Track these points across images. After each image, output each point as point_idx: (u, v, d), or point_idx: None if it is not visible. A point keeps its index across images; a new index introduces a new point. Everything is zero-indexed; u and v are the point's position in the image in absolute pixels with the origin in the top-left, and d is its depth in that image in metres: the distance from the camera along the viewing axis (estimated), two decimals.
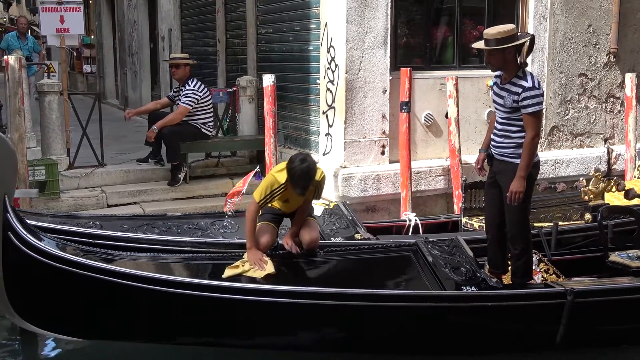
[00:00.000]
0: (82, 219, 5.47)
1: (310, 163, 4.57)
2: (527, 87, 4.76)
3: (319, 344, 4.72)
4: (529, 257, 5.10)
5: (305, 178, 4.54)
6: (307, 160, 4.56)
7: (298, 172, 4.51)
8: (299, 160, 4.56)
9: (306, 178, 4.54)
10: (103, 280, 4.20)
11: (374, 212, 7.58)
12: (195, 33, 11.71)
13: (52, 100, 7.76)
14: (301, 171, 4.51)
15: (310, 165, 4.55)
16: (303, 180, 4.54)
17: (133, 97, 14.71)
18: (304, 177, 4.53)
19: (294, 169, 4.53)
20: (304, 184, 4.57)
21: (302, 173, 4.52)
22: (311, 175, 4.57)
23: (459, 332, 4.73)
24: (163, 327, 4.50)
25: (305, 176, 4.53)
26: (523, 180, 4.81)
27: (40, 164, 7.35)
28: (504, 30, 4.84)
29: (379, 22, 7.39)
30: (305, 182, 4.56)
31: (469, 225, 6.39)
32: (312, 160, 4.63)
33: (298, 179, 4.53)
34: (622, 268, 5.42)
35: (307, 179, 4.55)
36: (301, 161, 4.55)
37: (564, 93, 8.52)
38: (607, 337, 4.99)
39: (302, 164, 4.53)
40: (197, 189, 8.11)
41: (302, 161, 4.55)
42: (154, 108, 8.63)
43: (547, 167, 8.25)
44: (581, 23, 8.50)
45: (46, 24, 8.33)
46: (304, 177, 4.53)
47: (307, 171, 4.52)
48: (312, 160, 4.63)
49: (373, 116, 7.51)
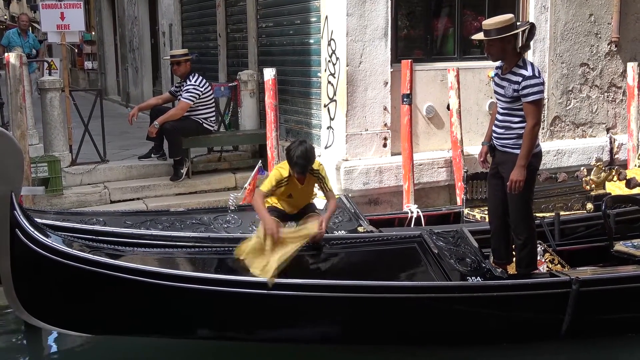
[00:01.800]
0: (85, 216, 5.48)
1: (308, 146, 4.83)
2: (528, 75, 4.76)
3: (325, 336, 4.74)
4: (533, 247, 5.10)
5: (304, 157, 4.75)
6: (305, 142, 4.86)
7: (297, 151, 4.75)
8: (298, 142, 4.87)
9: (304, 157, 4.76)
10: (110, 275, 4.21)
11: (377, 204, 7.59)
12: (195, 28, 11.69)
13: (53, 97, 7.77)
14: (300, 151, 4.75)
15: (307, 147, 4.80)
16: (301, 159, 4.75)
17: (134, 93, 14.71)
18: (302, 156, 4.74)
19: (292, 149, 4.79)
20: (302, 164, 4.76)
21: (300, 152, 4.75)
22: (309, 155, 4.79)
23: (464, 322, 4.75)
24: (169, 322, 4.51)
25: (304, 155, 4.75)
26: (523, 169, 4.81)
27: (42, 161, 7.37)
28: (502, 20, 4.85)
29: (380, 15, 7.38)
30: (303, 161, 4.76)
31: (471, 217, 6.39)
32: (310, 144, 4.90)
33: (297, 158, 4.74)
34: (627, 257, 5.42)
35: (305, 158, 4.76)
36: (300, 143, 4.85)
37: (566, 83, 8.51)
38: (613, 326, 4.99)
39: (301, 145, 4.80)
40: (200, 184, 8.12)
41: (300, 143, 4.84)
42: (155, 103, 8.62)
43: (549, 158, 8.24)
44: (582, 12, 8.47)
45: (46, 21, 8.33)
46: (302, 156, 4.75)
47: (304, 150, 4.76)
48: (310, 144, 4.90)
49: (374, 109, 7.50)
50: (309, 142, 5.05)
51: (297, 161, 4.77)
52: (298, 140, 5.00)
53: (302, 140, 4.97)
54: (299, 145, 4.80)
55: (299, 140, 4.99)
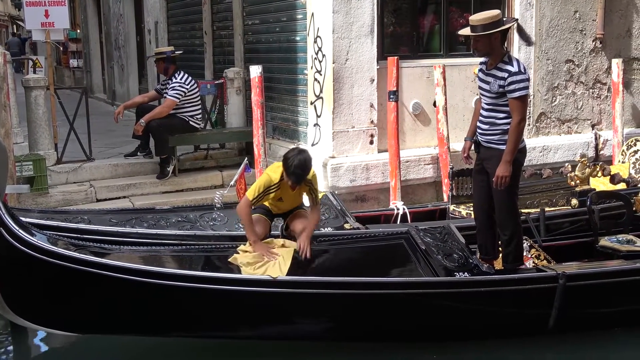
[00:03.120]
0: (69, 214, 5.45)
1: (308, 156, 4.66)
2: (513, 71, 4.78)
3: (313, 333, 4.74)
4: (518, 242, 5.13)
5: (302, 167, 4.60)
6: (305, 152, 4.68)
7: (295, 161, 4.59)
8: (297, 150, 4.69)
9: (302, 167, 4.61)
10: (96, 274, 4.20)
11: (364, 201, 7.59)
12: (181, 25, 11.65)
13: (38, 96, 7.72)
14: (298, 160, 4.59)
15: (307, 157, 4.64)
16: (299, 169, 4.59)
17: (120, 90, 14.64)
18: (300, 166, 4.59)
19: (291, 158, 4.61)
20: (299, 173, 4.61)
21: (299, 162, 4.59)
22: (307, 166, 4.64)
23: (452, 318, 4.77)
24: (156, 320, 4.50)
25: (302, 166, 4.60)
26: (509, 165, 4.83)
27: (27, 159, 7.32)
28: (489, 16, 4.86)
29: (366, 12, 7.38)
30: (301, 171, 4.61)
31: (457, 213, 6.41)
32: (309, 154, 4.70)
33: (295, 168, 4.58)
34: (612, 252, 5.45)
35: (302, 168, 4.61)
36: (300, 152, 4.67)
37: (551, 79, 8.54)
38: (599, 320, 5.02)
39: (300, 154, 4.63)
40: (186, 182, 8.10)
41: (300, 152, 4.67)
42: (141, 101, 8.59)
43: (535, 154, 8.28)
44: (567, 9, 8.51)
45: (31, 19, 8.27)
46: (300, 166, 4.59)
47: (304, 161, 4.61)
48: (309, 154, 4.70)
49: (361, 106, 7.51)
50: (297, 142, 4.95)
51: (295, 171, 4.60)
52: (298, 148, 4.80)
53: (301, 149, 4.76)
54: (297, 155, 4.63)
55: (298, 148, 4.79)
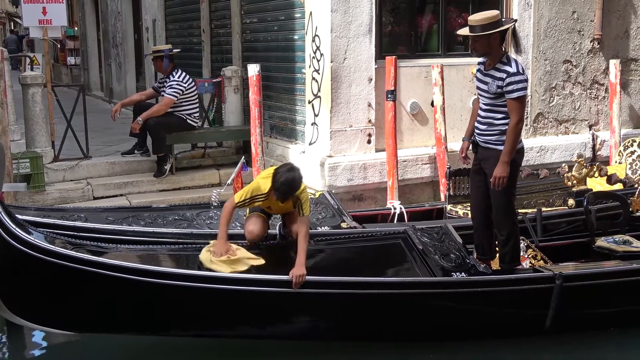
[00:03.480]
0: (66, 212, 5.43)
1: (297, 174, 4.54)
2: (512, 72, 4.78)
3: (311, 333, 4.74)
4: (515, 242, 5.13)
5: (289, 185, 4.48)
6: (295, 170, 4.56)
7: (283, 178, 4.48)
8: (288, 167, 4.58)
9: (289, 185, 4.49)
10: (93, 273, 4.19)
11: (361, 200, 7.59)
12: (179, 23, 11.64)
13: (35, 93, 7.71)
14: (286, 178, 4.48)
15: (296, 175, 4.52)
16: (285, 186, 4.48)
17: (118, 88, 14.62)
18: (286, 184, 4.48)
19: (279, 174, 4.51)
20: (285, 190, 4.50)
21: (286, 180, 4.47)
22: (295, 185, 4.51)
23: (449, 317, 4.78)
24: (153, 319, 4.49)
25: (289, 183, 4.48)
26: (507, 166, 4.83)
27: (24, 157, 7.30)
28: (488, 16, 4.85)
29: (364, 11, 7.38)
30: (287, 188, 4.49)
31: (454, 213, 6.42)
32: (298, 171, 4.59)
33: (281, 185, 4.47)
34: (608, 253, 5.46)
35: (289, 186, 4.49)
36: (290, 169, 4.55)
37: (549, 80, 8.55)
38: (596, 321, 5.04)
39: (290, 172, 4.52)
40: (184, 180, 8.09)
41: (290, 169, 4.55)
42: (138, 99, 8.58)
43: (532, 154, 8.28)
44: (565, 9, 8.51)
45: (28, 16, 8.24)
46: (287, 183, 4.48)
47: (292, 179, 4.49)
48: (298, 171, 4.59)
49: (359, 105, 7.50)
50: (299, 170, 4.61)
51: (281, 187, 4.48)
52: (290, 165, 4.69)
53: (293, 167, 4.63)
54: (287, 172, 4.51)
55: (290, 165, 4.69)
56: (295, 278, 4.36)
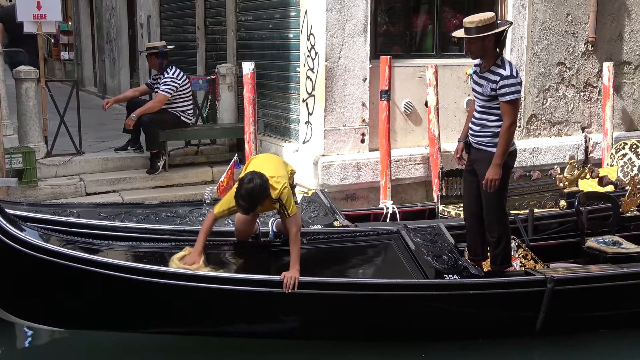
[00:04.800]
0: (58, 208, 5.41)
1: (255, 184, 4.36)
2: (505, 75, 4.79)
3: (302, 332, 4.75)
4: (507, 244, 5.14)
5: (249, 197, 4.37)
6: (252, 181, 4.37)
7: (242, 191, 4.37)
8: (246, 180, 4.39)
9: (250, 197, 4.37)
10: (84, 270, 4.19)
11: (354, 200, 7.60)
12: (174, 20, 11.61)
13: (29, 88, 7.67)
14: (244, 191, 4.36)
15: (254, 187, 4.35)
16: (245, 200, 4.38)
17: (111, 84, 14.58)
18: (246, 197, 4.37)
19: (238, 189, 4.41)
20: (246, 204, 4.40)
21: (245, 192, 4.36)
22: (255, 196, 4.37)
23: (441, 319, 4.80)
24: (143, 317, 4.49)
25: (249, 196, 4.36)
26: (499, 168, 4.84)
27: (17, 152, 7.28)
28: (484, 18, 4.86)
29: (359, 10, 7.38)
30: (249, 201, 4.38)
31: (446, 213, 6.44)
32: (258, 180, 4.39)
33: (241, 199, 4.39)
34: (598, 253, 5.49)
35: (250, 198, 4.37)
36: (248, 182, 4.37)
37: (543, 82, 8.58)
38: (586, 323, 5.07)
39: (248, 184, 4.36)
40: (177, 177, 8.08)
41: (248, 182, 4.37)
42: (132, 96, 8.56)
43: (525, 156, 8.31)
44: (560, 12, 8.54)
45: (23, 10, 8.18)
46: (246, 197, 4.36)
47: (250, 191, 4.35)
48: (258, 180, 4.39)
49: (353, 104, 7.51)
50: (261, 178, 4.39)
51: (241, 202, 4.38)
52: (250, 175, 4.41)
53: (254, 176, 4.39)
54: (246, 184, 4.35)
55: (250, 176, 4.40)
56: (287, 280, 4.34)
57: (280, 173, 4.62)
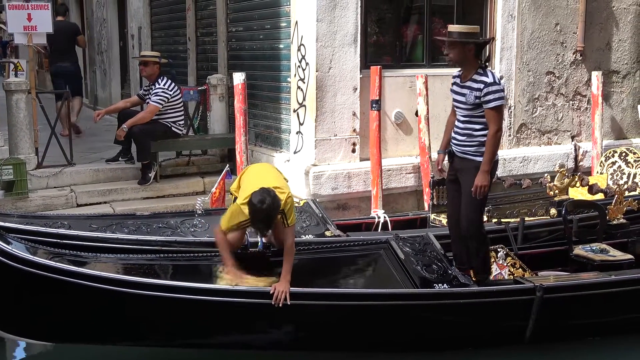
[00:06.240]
0: (49, 219, 5.41)
1: (269, 203, 4.36)
2: (489, 82, 4.86)
3: (291, 344, 4.74)
4: (486, 253, 5.15)
5: (266, 219, 4.41)
6: (265, 201, 4.36)
7: (258, 214, 4.38)
8: (258, 201, 4.37)
9: (267, 219, 4.42)
10: (71, 283, 4.17)
11: (345, 209, 7.61)
12: (165, 31, 11.63)
13: (19, 99, 7.66)
14: (261, 213, 4.37)
15: (269, 206, 4.36)
16: (263, 223, 4.43)
17: (102, 95, 14.57)
18: (264, 220, 4.41)
19: (254, 212, 4.40)
20: (265, 225, 4.45)
21: (263, 216, 4.39)
22: (271, 215, 4.41)
23: (431, 328, 4.80)
24: (131, 330, 4.48)
25: (266, 218, 4.40)
26: (487, 174, 4.88)
27: (7, 163, 7.26)
28: (467, 27, 4.99)
29: (349, 21, 7.42)
30: (267, 222, 4.43)
31: (437, 222, 6.45)
32: (270, 198, 4.38)
33: (259, 222, 4.42)
34: (585, 261, 5.52)
35: (268, 219, 4.42)
36: (260, 202, 4.36)
37: (532, 91, 8.63)
38: (575, 331, 5.09)
39: (262, 205, 4.35)
40: (168, 188, 8.07)
41: (261, 202, 4.36)
42: (123, 107, 8.56)
43: (515, 164, 8.35)
44: (548, 22, 8.61)
45: (13, 22, 8.20)
46: (264, 219, 4.41)
47: (267, 212, 4.37)
48: (270, 198, 4.38)
49: (344, 114, 7.54)
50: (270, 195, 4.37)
51: (258, 225, 4.43)
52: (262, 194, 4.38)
53: (264, 196, 4.36)
54: (260, 204, 4.33)
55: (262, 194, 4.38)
56: (277, 293, 4.34)
57: (282, 183, 4.68)
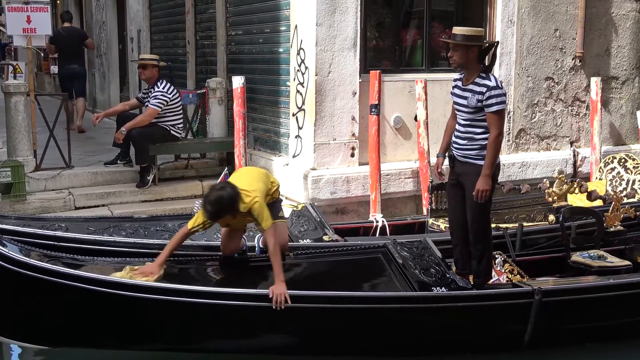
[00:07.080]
0: (47, 222, 5.40)
1: (225, 193, 4.42)
2: (492, 86, 4.86)
3: (289, 347, 4.72)
4: (489, 257, 5.17)
5: (215, 204, 4.41)
6: (224, 190, 4.45)
7: (211, 197, 4.43)
8: (219, 186, 4.51)
9: (215, 204, 4.41)
10: (67, 285, 4.15)
11: (344, 213, 7.61)
12: (164, 34, 11.64)
13: (18, 102, 7.66)
14: (213, 197, 4.42)
15: (223, 195, 4.40)
16: (212, 206, 4.42)
17: (101, 98, 14.57)
18: (213, 204, 4.41)
19: (208, 192, 4.48)
20: (213, 210, 4.43)
21: (213, 198, 4.41)
22: (223, 204, 4.41)
23: (428, 332, 4.78)
24: (128, 333, 4.45)
25: (215, 203, 4.41)
26: (489, 178, 4.88)
27: (6, 165, 7.26)
28: (472, 29, 5.00)
29: (349, 25, 7.42)
30: (212, 208, 4.42)
31: (436, 227, 6.44)
32: (230, 190, 4.44)
33: (207, 203, 4.43)
34: (583, 268, 5.51)
35: (216, 205, 4.41)
36: (220, 188, 4.47)
37: (531, 96, 8.63)
38: (573, 335, 5.07)
39: (218, 190, 4.44)
40: (166, 191, 8.07)
41: (220, 188, 4.47)
42: (122, 109, 8.55)
43: (514, 170, 8.35)
44: (548, 27, 8.62)
45: (12, 24, 8.21)
46: (213, 202, 4.41)
47: (217, 198, 4.40)
48: (230, 190, 4.44)
49: (343, 118, 7.53)
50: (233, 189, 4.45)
51: (207, 207, 4.42)
52: (226, 183, 4.58)
53: (226, 185, 4.52)
54: (218, 189, 4.45)
55: (226, 183, 4.57)
56: (275, 297, 4.32)
57: (253, 187, 4.61)
